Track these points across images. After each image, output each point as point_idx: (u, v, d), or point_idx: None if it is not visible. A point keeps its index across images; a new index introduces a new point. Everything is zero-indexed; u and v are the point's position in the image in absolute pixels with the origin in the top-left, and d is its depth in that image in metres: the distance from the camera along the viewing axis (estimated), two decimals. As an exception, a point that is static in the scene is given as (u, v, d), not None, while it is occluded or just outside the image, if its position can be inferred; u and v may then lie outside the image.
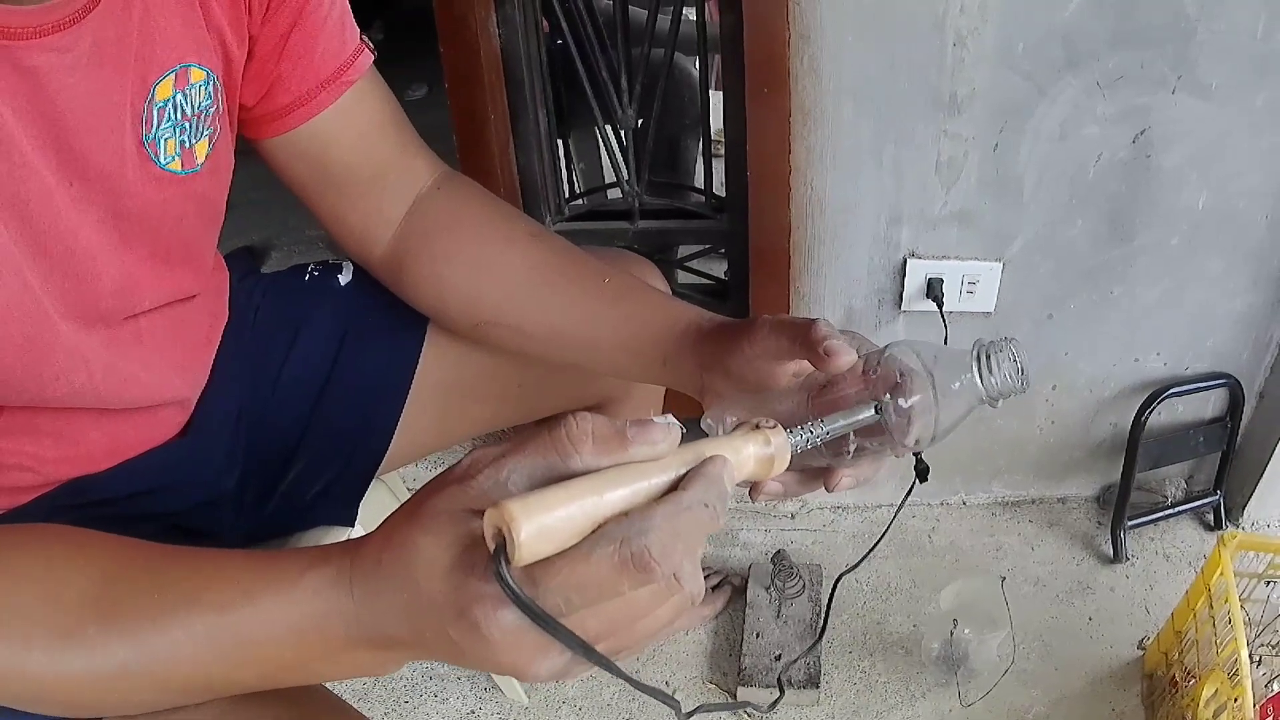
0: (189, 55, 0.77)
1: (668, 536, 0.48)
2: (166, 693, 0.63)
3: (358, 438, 1.06)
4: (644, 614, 0.51)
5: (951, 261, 1.56)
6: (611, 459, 0.50)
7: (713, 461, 0.52)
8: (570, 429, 0.50)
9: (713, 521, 0.50)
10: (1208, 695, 1.34)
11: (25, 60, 0.65)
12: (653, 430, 0.51)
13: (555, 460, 0.50)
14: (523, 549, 0.46)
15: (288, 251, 2.88)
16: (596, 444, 0.50)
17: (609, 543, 0.47)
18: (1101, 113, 1.40)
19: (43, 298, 0.71)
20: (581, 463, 0.50)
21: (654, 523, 0.48)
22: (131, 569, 0.62)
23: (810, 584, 1.74)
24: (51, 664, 0.60)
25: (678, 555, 0.48)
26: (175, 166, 0.79)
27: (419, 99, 3.61)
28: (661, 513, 0.48)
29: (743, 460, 0.56)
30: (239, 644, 0.58)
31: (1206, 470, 1.87)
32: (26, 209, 0.68)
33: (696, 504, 0.49)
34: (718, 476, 0.52)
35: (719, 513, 0.51)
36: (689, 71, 2.12)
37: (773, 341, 0.75)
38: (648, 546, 0.47)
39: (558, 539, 0.47)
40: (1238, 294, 1.60)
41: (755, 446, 0.57)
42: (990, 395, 0.65)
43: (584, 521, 0.48)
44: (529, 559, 0.47)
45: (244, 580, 0.59)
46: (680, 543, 0.48)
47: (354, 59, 0.89)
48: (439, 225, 0.97)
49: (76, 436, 0.85)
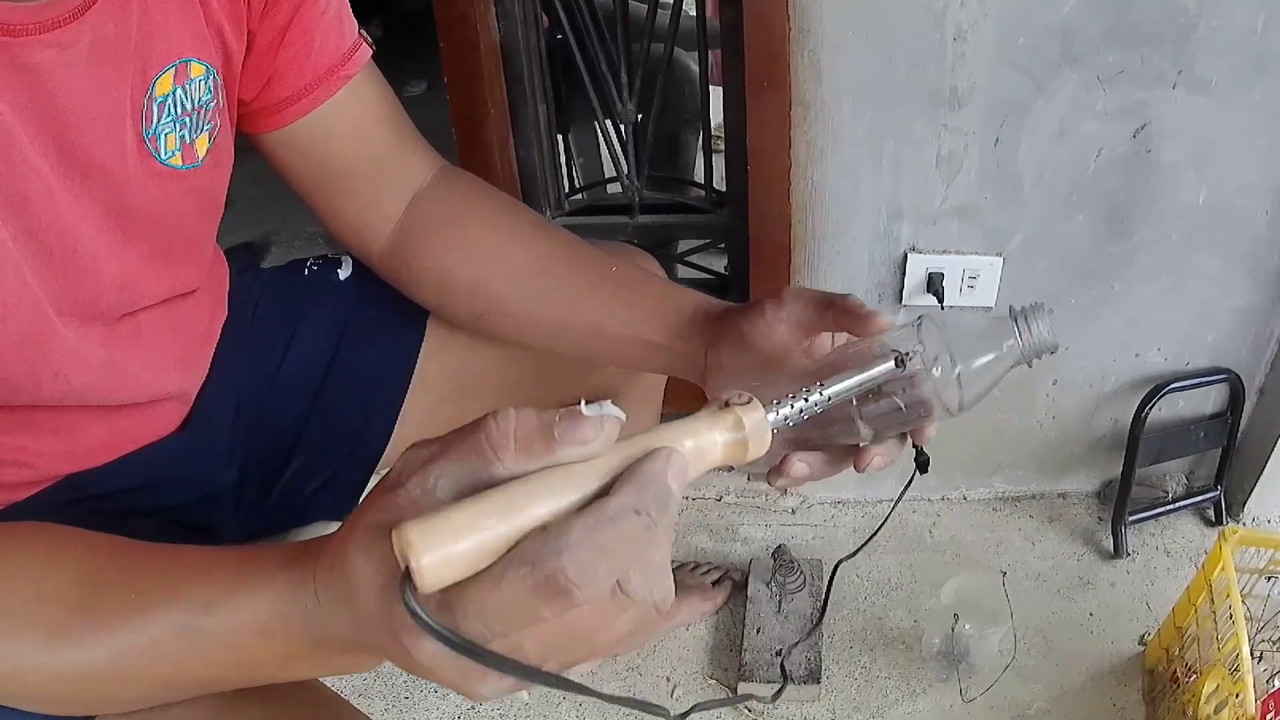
0: (188, 50, 0.77)
1: (587, 554, 0.43)
2: (153, 689, 0.63)
3: (357, 433, 1.06)
4: (595, 629, 0.47)
5: (952, 256, 1.56)
6: (538, 462, 0.46)
7: (651, 459, 0.47)
8: (489, 432, 0.46)
9: (647, 530, 0.45)
10: (1209, 691, 1.34)
11: (25, 57, 0.64)
12: (582, 427, 0.46)
13: (478, 466, 0.46)
14: (424, 576, 0.43)
15: (286, 247, 2.88)
16: (519, 448, 0.46)
17: (521, 565, 0.43)
18: (1101, 108, 1.40)
19: (41, 296, 0.71)
20: (504, 469, 0.46)
21: (569, 540, 0.43)
22: (111, 567, 0.62)
23: (811, 579, 1.74)
24: (39, 662, 0.59)
25: (601, 574, 0.43)
26: (176, 162, 0.79)
27: (418, 95, 3.61)
28: (579, 526, 0.44)
29: (705, 448, 0.50)
30: (215, 642, 0.58)
31: (1207, 465, 1.87)
32: (26, 206, 0.68)
33: (624, 512, 0.44)
34: (654, 475, 0.46)
35: (656, 519, 0.45)
36: (688, 66, 2.12)
37: (799, 308, 0.75)
38: (561, 569, 0.43)
39: (465, 564, 0.43)
40: (1237, 290, 1.60)
41: (722, 431, 0.51)
42: (1028, 353, 0.66)
43: (497, 541, 0.44)
44: (435, 586, 0.43)
45: (222, 576, 0.58)
46: (605, 560, 0.43)
47: (352, 53, 0.89)
48: (440, 218, 0.97)
49: (75, 432, 0.85)
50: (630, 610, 0.46)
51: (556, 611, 0.44)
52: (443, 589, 0.44)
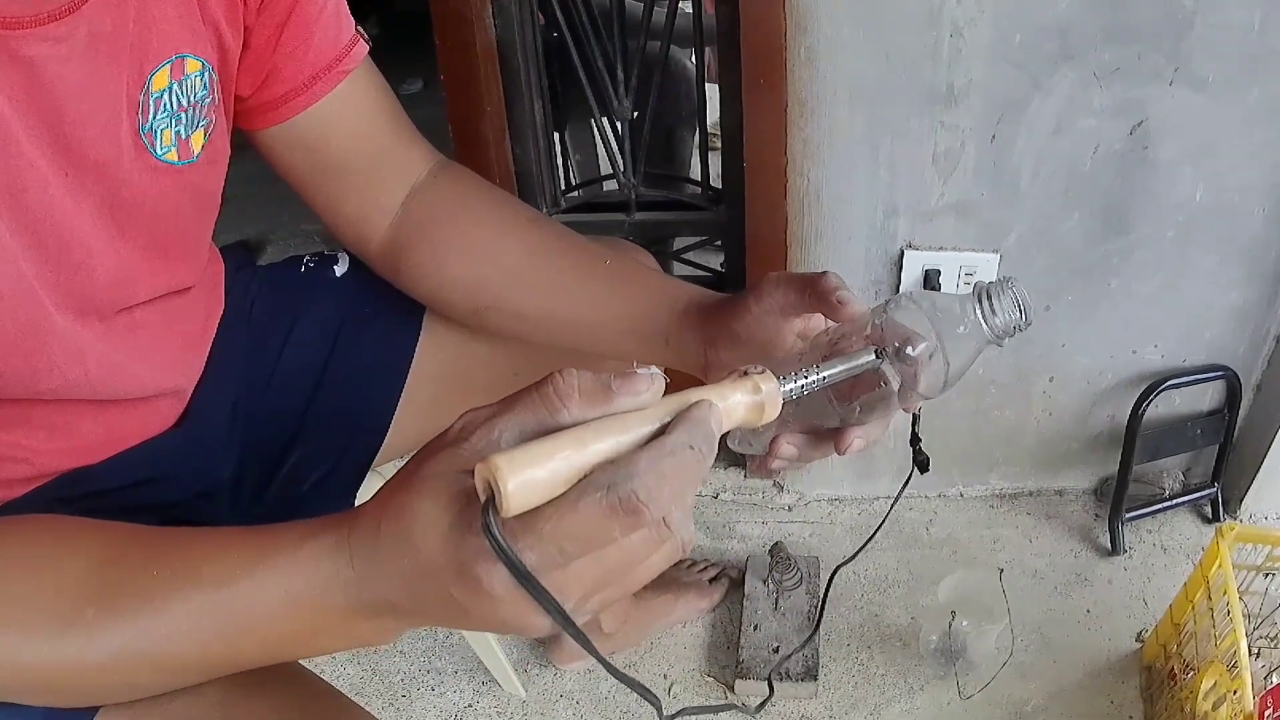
0: (184, 46, 0.77)
1: (653, 480, 0.48)
2: (166, 673, 0.63)
3: (354, 428, 1.06)
4: (638, 561, 0.51)
5: (949, 253, 1.56)
6: (598, 411, 0.51)
7: (698, 406, 0.53)
8: (556, 385, 0.50)
9: (699, 464, 0.50)
10: (1206, 687, 1.34)
11: (21, 50, 0.65)
12: (636, 381, 0.51)
13: (544, 416, 0.51)
14: (510, 500, 0.47)
15: (283, 245, 2.88)
16: (583, 397, 0.51)
17: (596, 489, 0.47)
18: (1098, 105, 1.40)
19: (38, 288, 0.71)
20: (569, 416, 0.50)
21: (639, 467, 0.48)
22: (126, 551, 0.63)
23: (808, 576, 1.74)
24: (51, 651, 0.60)
25: (665, 498, 0.48)
26: (172, 157, 0.79)
27: (414, 94, 3.62)
28: (646, 457, 0.49)
29: (730, 407, 0.56)
30: (238, 618, 0.59)
31: (1204, 462, 1.87)
32: (22, 199, 0.68)
33: (681, 447, 0.50)
34: (703, 419, 0.52)
35: (705, 455, 0.51)
36: (684, 64, 2.12)
37: (780, 295, 0.76)
38: (634, 490, 0.47)
39: (545, 489, 0.48)
40: (1234, 287, 1.60)
41: (743, 393, 0.57)
42: (995, 334, 0.67)
43: (570, 471, 0.48)
44: (517, 509, 0.47)
45: (242, 554, 0.60)
46: (667, 486, 0.48)
47: (349, 49, 0.90)
48: (437, 213, 0.97)
49: (71, 428, 0.85)
50: (665, 545, 0.51)
51: (626, 531, 0.48)
52: (518, 517, 0.48)
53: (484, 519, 0.47)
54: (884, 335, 0.67)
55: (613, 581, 0.52)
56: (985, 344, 0.67)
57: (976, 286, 0.67)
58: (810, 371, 0.62)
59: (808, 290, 0.74)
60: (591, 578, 0.50)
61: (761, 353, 0.78)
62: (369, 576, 0.56)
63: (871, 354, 0.65)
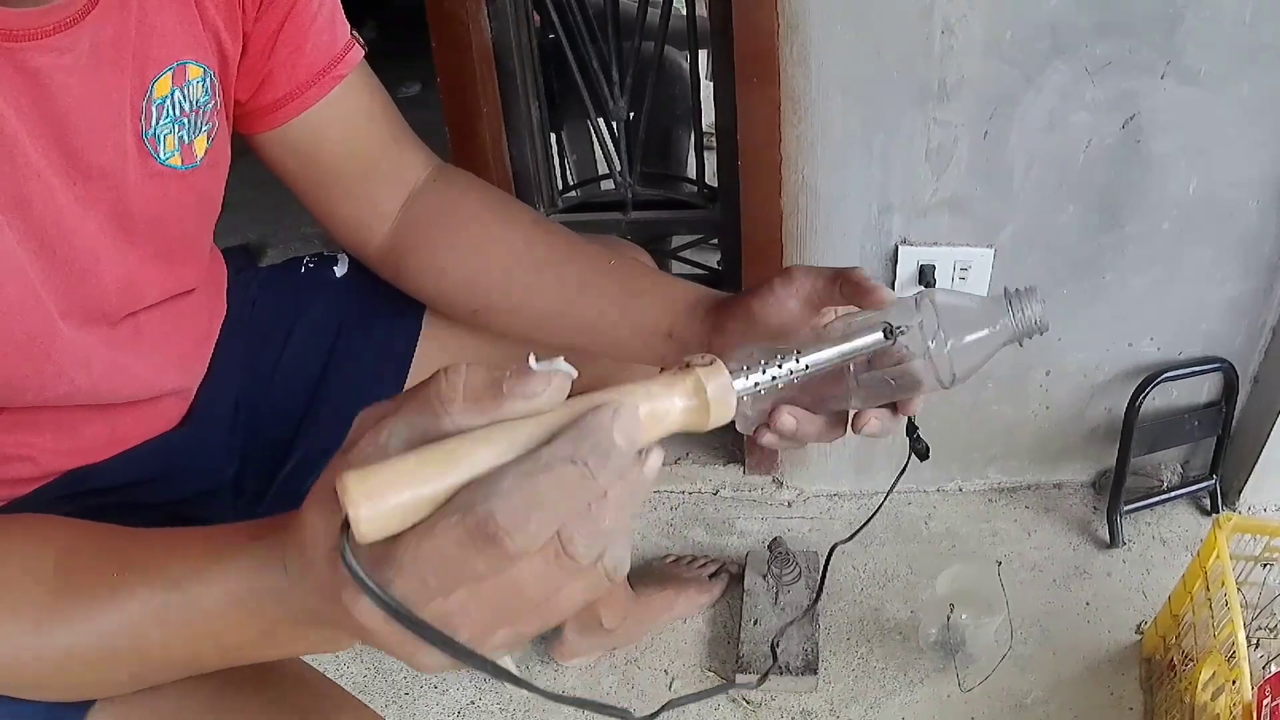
0: (186, 53, 0.78)
1: (519, 501, 0.42)
2: (141, 670, 0.64)
3: None
4: (540, 592, 0.45)
5: (943, 248, 1.57)
6: (485, 417, 0.45)
7: (597, 411, 0.45)
8: (439, 386, 0.45)
9: (584, 480, 0.43)
10: (1205, 678, 1.34)
11: (27, 62, 0.65)
12: (530, 381, 0.45)
13: (428, 421, 0.45)
14: (360, 526, 0.42)
15: (283, 249, 2.89)
16: (468, 401, 0.45)
17: (453, 512, 0.42)
18: (1090, 99, 1.41)
19: (46, 298, 0.72)
20: (453, 423, 0.45)
21: (502, 486, 0.42)
22: (88, 551, 0.63)
23: (807, 571, 1.75)
24: (20, 648, 0.61)
25: (534, 524, 0.42)
26: (175, 162, 0.80)
27: (412, 96, 3.62)
28: (512, 475, 0.42)
29: (659, 411, 0.47)
30: (191, 620, 0.58)
31: (1202, 455, 1.87)
32: (30, 209, 0.69)
33: (559, 461, 0.43)
34: (596, 428, 0.44)
35: (595, 470, 0.43)
36: (680, 63, 2.13)
37: (808, 283, 0.76)
38: (491, 514, 0.41)
39: (409, 512, 0.42)
40: (1229, 279, 1.61)
41: (681, 395, 0.48)
42: (1019, 333, 0.68)
43: (437, 492, 0.43)
44: (372, 537, 0.42)
45: (194, 556, 0.58)
46: (539, 509, 0.42)
47: (344, 54, 0.90)
48: (438, 214, 0.97)
49: (76, 428, 0.86)
50: (580, 576, 0.45)
51: (490, 563, 0.43)
52: (383, 543, 0.43)
53: (340, 545, 0.43)
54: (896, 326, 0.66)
55: (515, 616, 0.46)
56: (1006, 343, 0.68)
57: (1005, 289, 0.68)
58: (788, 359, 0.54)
59: (837, 281, 0.73)
60: (479, 611, 0.45)
61: (773, 339, 0.78)
62: (297, 587, 0.52)
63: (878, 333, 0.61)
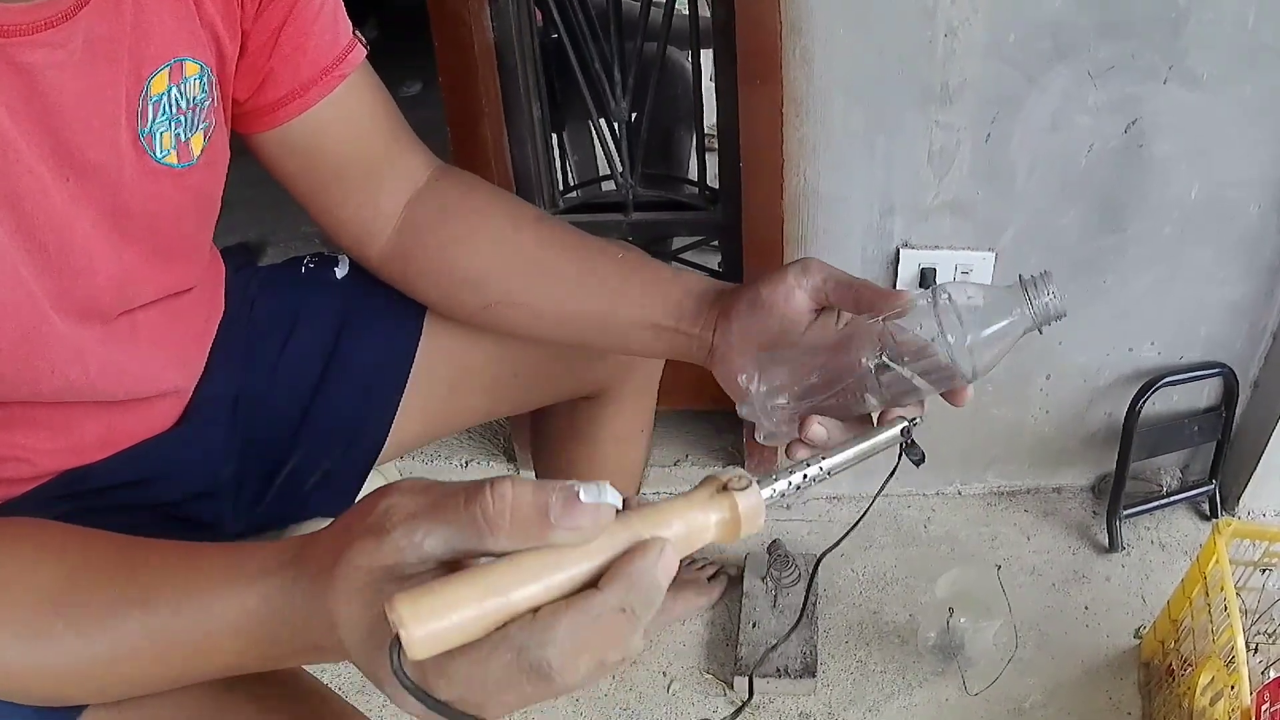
0: (182, 50, 0.77)
1: (570, 648, 0.45)
2: (136, 684, 0.64)
3: (355, 429, 1.06)
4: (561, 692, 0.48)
5: (944, 251, 1.57)
6: (530, 544, 0.47)
7: (642, 555, 0.48)
8: (486, 508, 0.46)
9: (630, 625, 0.47)
10: (1204, 683, 1.34)
11: (19, 57, 0.65)
12: (579, 514, 0.47)
13: (472, 537, 0.47)
14: (414, 649, 0.44)
15: (283, 248, 2.88)
16: (514, 526, 0.46)
17: (508, 650, 0.45)
18: (1093, 103, 1.41)
19: (38, 293, 0.71)
20: (497, 545, 0.47)
21: (556, 634, 0.45)
22: (96, 565, 0.63)
23: (806, 573, 1.75)
24: (22, 658, 0.61)
25: (583, 664, 0.46)
26: (171, 160, 0.79)
27: (413, 96, 3.62)
28: (566, 621, 0.45)
29: (697, 530, 0.51)
30: (192, 642, 0.59)
31: (1201, 459, 1.87)
32: (21, 205, 0.68)
33: (610, 610, 0.46)
34: (644, 572, 0.47)
35: (640, 616, 0.47)
36: (682, 64, 2.12)
37: (820, 280, 0.78)
38: (546, 659, 0.45)
39: (455, 638, 0.45)
40: (1230, 283, 1.60)
41: (716, 512, 0.52)
42: (1039, 320, 0.69)
43: (485, 620, 0.45)
44: (423, 656, 0.45)
45: (198, 580, 0.59)
46: (588, 653, 0.46)
47: (346, 53, 0.89)
48: (442, 213, 0.97)
49: (72, 428, 0.85)
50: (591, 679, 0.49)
51: (539, 692, 0.46)
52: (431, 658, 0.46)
53: (390, 658, 0.45)
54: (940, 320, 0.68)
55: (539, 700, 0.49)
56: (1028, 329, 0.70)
57: (1020, 277, 0.69)
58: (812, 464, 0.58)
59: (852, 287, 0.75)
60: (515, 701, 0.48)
61: (776, 329, 0.79)
62: (312, 624, 0.54)
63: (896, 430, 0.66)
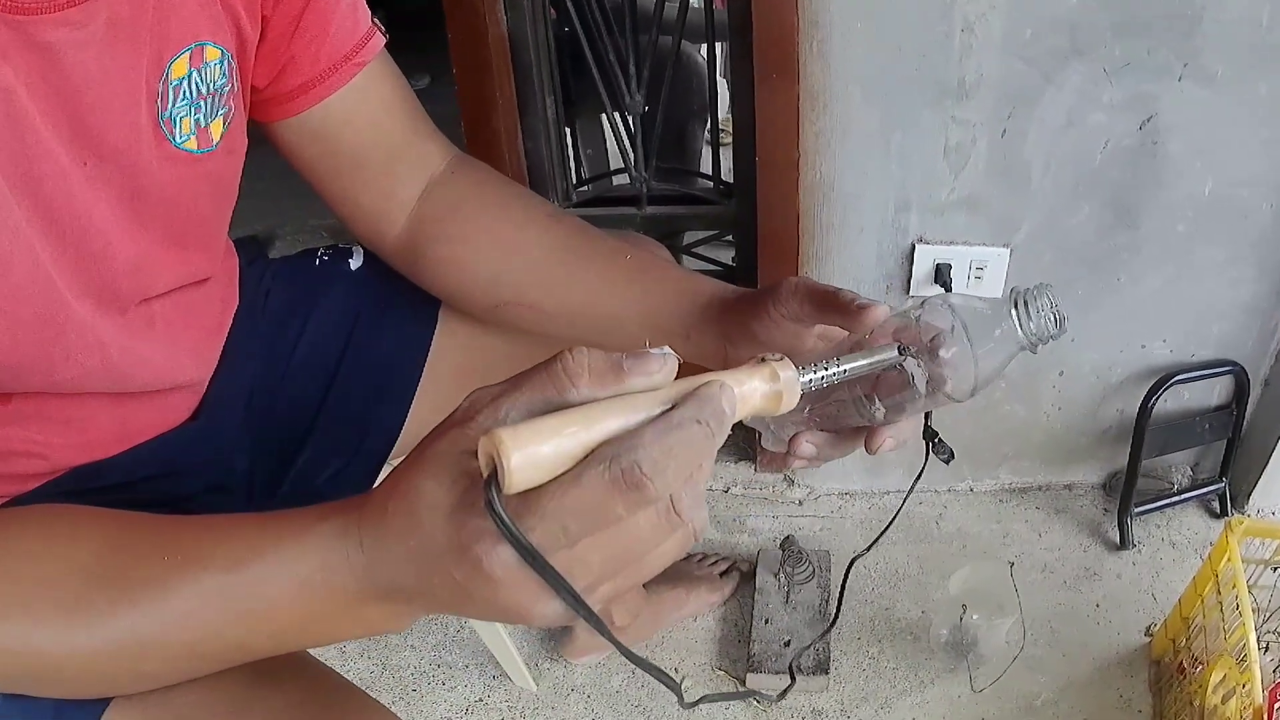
0: (204, 34, 0.77)
1: (658, 453, 0.47)
2: (175, 661, 0.63)
3: (370, 422, 1.06)
4: (647, 546, 0.50)
5: (959, 247, 1.57)
6: (608, 390, 0.50)
7: (709, 385, 0.51)
8: (566, 363, 0.49)
9: (707, 440, 0.49)
10: (1216, 681, 1.34)
11: (39, 36, 0.64)
12: (649, 360, 0.50)
13: (552, 394, 0.49)
14: (513, 475, 0.46)
15: (291, 240, 2.88)
16: (593, 377, 0.49)
17: (599, 463, 0.47)
18: (1108, 100, 1.41)
19: (55, 277, 0.70)
20: (578, 395, 0.49)
21: (643, 440, 0.47)
22: (136, 537, 0.63)
23: (819, 570, 1.75)
24: (60, 638, 0.60)
25: (670, 474, 0.47)
26: (191, 145, 0.79)
27: (422, 89, 3.60)
28: (652, 430, 0.48)
29: (746, 392, 0.54)
30: (248, 602, 0.58)
31: (1212, 457, 1.87)
32: (40, 187, 0.67)
33: (689, 421, 0.48)
34: (713, 397, 0.51)
35: (714, 432, 0.50)
36: (696, 58, 2.12)
37: (796, 305, 0.75)
38: (637, 462, 0.46)
39: (550, 466, 0.47)
40: (1243, 282, 1.60)
41: (760, 380, 0.55)
42: (1030, 340, 0.66)
43: (577, 448, 0.47)
44: (520, 486, 0.46)
45: (251, 538, 0.59)
46: (673, 461, 0.47)
47: (366, 40, 0.89)
48: (456, 207, 0.96)
49: (87, 422, 0.84)
50: (677, 531, 0.50)
51: (630, 506, 0.47)
52: (522, 495, 0.47)
53: (486, 495, 0.46)
54: (910, 334, 0.66)
55: (622, 568, 0.51)
56: (1018, 350, 0.67)
57: (1013, 291, 0.66)
58: (830, 363, 0.60)
59: (825, 304, 0.73)
60: (598, 561, 0.50)
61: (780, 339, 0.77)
62: (377, 560, 0.55)
63: (894, 350, 0.64)
